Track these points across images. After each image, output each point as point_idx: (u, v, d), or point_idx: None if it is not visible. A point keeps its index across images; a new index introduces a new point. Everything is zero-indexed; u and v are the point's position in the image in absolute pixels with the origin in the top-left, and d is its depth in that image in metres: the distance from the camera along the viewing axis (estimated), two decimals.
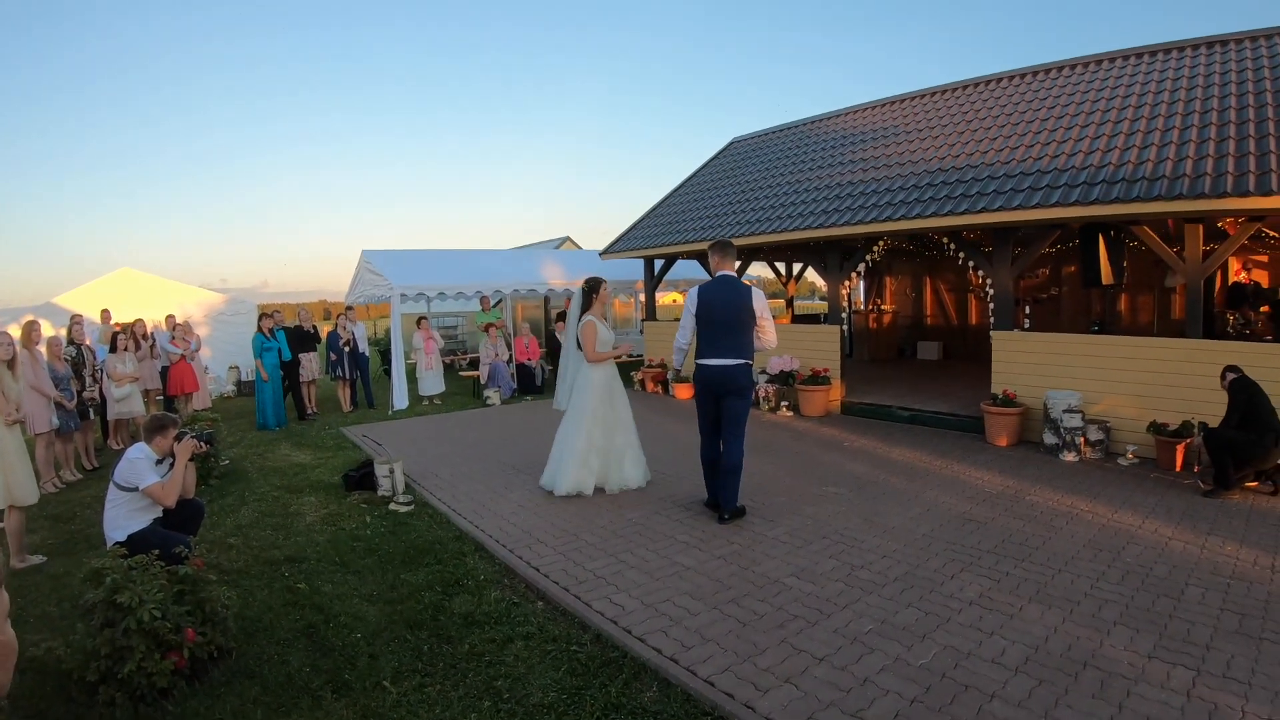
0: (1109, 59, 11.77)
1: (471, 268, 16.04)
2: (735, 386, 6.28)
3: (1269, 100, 8.42)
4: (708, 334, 6.31)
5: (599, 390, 7.15)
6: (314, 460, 9.37)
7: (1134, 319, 13.89)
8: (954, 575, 5.09)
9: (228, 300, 17.77)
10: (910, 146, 12.08)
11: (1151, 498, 6.73)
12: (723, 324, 6.26)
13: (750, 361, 6.33)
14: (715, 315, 6.29)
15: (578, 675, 3.95)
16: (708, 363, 6.30)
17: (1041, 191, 8.52)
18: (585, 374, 7.19)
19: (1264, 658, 3.88)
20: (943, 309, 18.02)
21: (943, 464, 8.19)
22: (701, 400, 6.46)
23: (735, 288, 6.36)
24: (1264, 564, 5.14)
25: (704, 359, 6.32)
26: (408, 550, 5.95)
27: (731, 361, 6.24)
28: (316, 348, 13.38)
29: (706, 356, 6.31)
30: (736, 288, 6.36)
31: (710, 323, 6.30)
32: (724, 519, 6.34)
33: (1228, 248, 7.99)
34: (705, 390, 6.38)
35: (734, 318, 6.26)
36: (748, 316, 6.28)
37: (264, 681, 3.96)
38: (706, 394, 6.38)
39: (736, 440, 6.32)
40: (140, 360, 10.98)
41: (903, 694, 3.61)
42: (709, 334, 6.31)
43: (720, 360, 6.25)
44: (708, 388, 6.35)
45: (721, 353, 6.25)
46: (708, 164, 17.93)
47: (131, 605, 3.65)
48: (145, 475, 4.95)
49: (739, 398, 6.31)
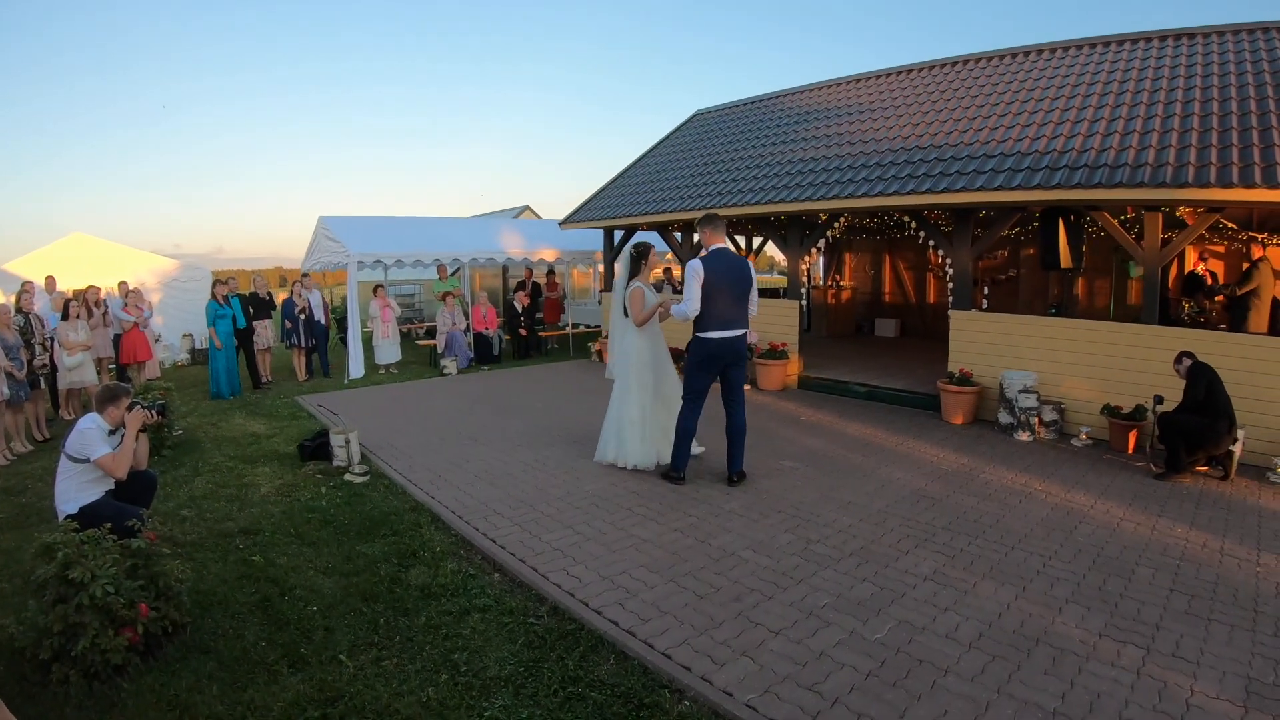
0: (1076, 46, 11.83)
1: (430, 235, 15.81)
2: (741, 356, 6.54)
3: (1233, 95, 8.52)
4: (716, 306, 6.35)
5: (645, 358, 7.05)
6: (269, 430, 9.20)
7: (1090, 303, 14.10)
8: (909, 551, 5.14)
9: (181, 266, 17.34)
10: (875, 124, 12.07)
11: (1104, 479, 6.85)
12: (730, 296, 6.36)
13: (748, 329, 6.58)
14: (724, 287, 6.34)
15: (535, 648, 3.92)
16: (717, 335, 6.39)
17: (1004, 174, 8.57)
18: (630, 342, 7.04)
19: (1212, 638, 3.96)
20: (901, 287, 18.15)
21: (899, 440, 8.26)
22: (706, 371, 6.51)
23: (737, 259, 6.47)
24: (1213, 547, 5.25)
25: (712, 331, 6.39)
26: (363, 522, 5.87)
27: (739, 332, 6.46)
28: (272, 315, 13.12)
29: (715, 329, 6.39)
30: (738, 259, 6.48)
31: (720, 295, 6.34)
32: (734, 480, 6.61)
33: (1186, 237, 8.11)
34: (712, 361, 6.46)
35: (740, 290, 6.40)
36: (747, 287, 6.44)
37: (219, 656, 3.89)
38: (712, 365, 6.48)
39: (742, 405, 6.58)
40: (93, 328, 10.67)
41: (858, 668, 3.64)
42: (717, 306, 6.35)
43: (729, 332, 6.40)
44: (715, 359, 6.45)
45: (730, 324, 6.40)
46: (670, 136, 17.80)
47: (84, 581, 3.55)
48: (96, 446, 4.80)
49: (742, 366, 6.59)
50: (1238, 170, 7.05)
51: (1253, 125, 7.71)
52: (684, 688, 3.51)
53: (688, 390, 6.60)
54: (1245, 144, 7.42)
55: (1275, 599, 4.45)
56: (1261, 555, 5.10)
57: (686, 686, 3.51)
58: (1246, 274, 8.87)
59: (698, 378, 6.53)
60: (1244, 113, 8.04)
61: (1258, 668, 3.67)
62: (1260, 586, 4.62)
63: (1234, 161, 7.18)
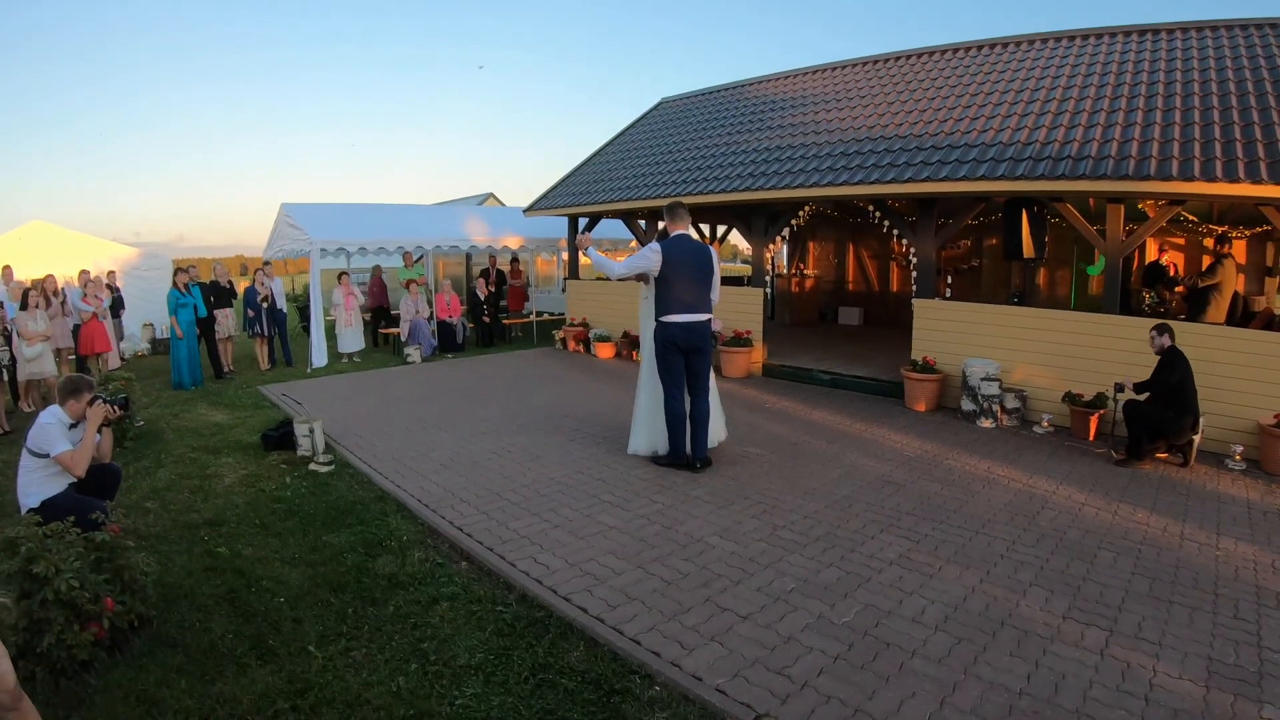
0: (1041, 40, 11.96)
1: (393, 223, 15.65)
2: (704, 342, 6.60)
3: (1195, 90, 8.68)
4: (676, 291, 6.45)
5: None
6: (231, 420, 9.06)
7: (1052, 292, 14.30)
8: (874, 536, 5.19)
9: (142, 255, 16.98)
10: (840, 114, 12.12)
11: (1065, 465, 6.96)
12: (690, 281, 6.46)
13: (712, 316, 6.66)
14: (685, 272, 6.45)
15: (504, 635, 3.91)
16: (680, 319, 6.47)
17: (969, 164, 8.66)
18: (646, 333, 7.06)
19: (1173, 620, 4.05)
20: (864, 275, 18.26)
21: (863, 427, 8.33)
22: (672, 356, 6.56)
23: (699, 246, 6.60)
24: (1173, 531, 5.37)
25: (675, 315, 6.47)
26: (329, 511, 5.81)
27: (702, 317, 6.54)
28: (233, 304, 12.91)
29: (677, 312, 6.47)
30: (700, 246, 6.61)
31: (680, 280, 6.45)
32: (697, 468, 6.64)
33: (1148, 229, 8.24)
34: (675, 347, 6.53)
35: (701, 275, 6.51)
36: (709, 273, 6.56)
37: (187, 650, 3.83)
38: (677, 350, 6.54)
39: (707, 394, 6.70)
40: (52, 318, 10.42)
41: (826, 651, 3.67)
42: (678, 291, 6.45)
43: (692, 316, 6.48)
44: (678, 344, 6.51)
45: (692, 308, 6.48)
46: (635, 124, 17.71)
47: (48, 575, 3.46)
48: (57, 441, 4.69)
49: (707, 354, 6.65)
50: (1199, 164, 7.18)
51: (1214, 120, 7.87)
52: (654, 673, 3.52)
53: (661, 377, 6.65)
54: (1207, 138, 7.58)
55: (1235, 582, 4.56)
56: (1221, 539, 5.23)
57: (656, 672, 3.51)
58: (1210, 268, 9.00)
59: (667, 362, 6.58)
60: (1206, 108, 8.20)
61: (1218, 648, 3.76)
62: (1220, 570, 4.73)
63: (1196, 155, 7.33)
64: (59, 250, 15.14)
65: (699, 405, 6.68)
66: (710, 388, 6.85)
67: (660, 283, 6.52)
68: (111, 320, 14.88)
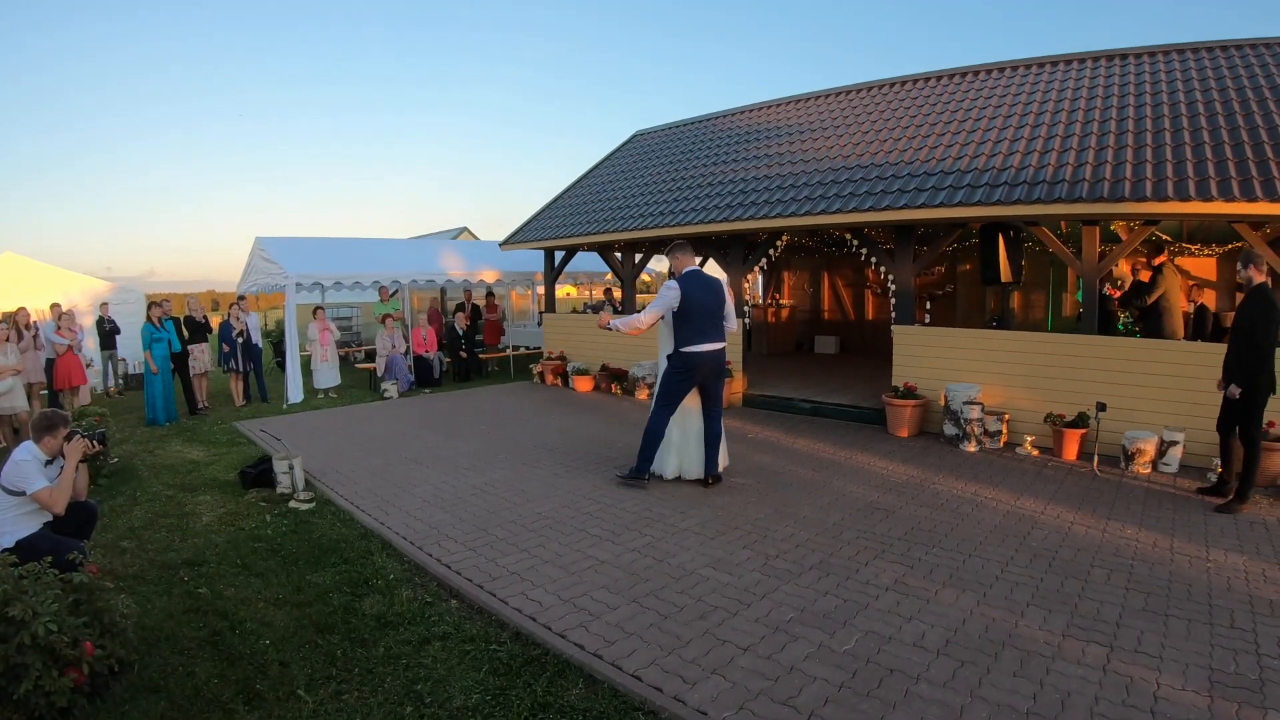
0: (1013, 67, 12.20)
1: (369, 256, 15.60)
2: (722, 369, 7.07)
3: (1165, 113, 8.87)
4: (697, 324, 6.79)
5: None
6: (208, 457, 8.88)
7: (1027, 315, 14.47)
8: (868, 562, 5.16)
9: (114, 289, 16.72)
10: (815, 144, 12.23)
11: (1051, 485, 6.99)
12: (708, 313, 6.83)
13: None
14: (702, 306, 6.80)
15: (500, 675, 3.81)
16: (701, 349, 6.81)
17: (945, 191, 8.75)
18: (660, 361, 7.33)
19: (1171, 633, 4.07)
20: (840, 304, 18.40)
21: (847, 454, 8.32)
22: (687, 383, 6.93)
23: (712, 280, 6.95)
24: (1163, 546, 5.40)
25: (695, 346, 6.80)
26: (312, 550, 5.68)
27: (720, 346, 6.93)
28: (208, 339, 12.73)
29: (697, 344, 6.80)
30: (713, 280, 6.96)
31: (699, 313, 6.79)
32: (708, 483, 7.05)
33: (1123, 249, 8.36)
34: (694, 374, 6.89)
35: (717, 307, 6.88)
36: (723, 304, 6.94)
37: (170, 695, 3.68)
38: (693, 378, 6.91)
39: (720, 416, 7.10)
40: (23, 351, 10.22)
41: (830, 680, 3.61)
42: (698, 324, 6.79)
43: (711, 346, 6.85)
44: (698, 372, 6.88)
45: (711, 339, 6.85)
46: (610, 156, 17.77)
47: (25, 619, 3.31)
48: (33, 479, 4.55)
49: (722, 380, 7.10)
50: (1172, 184, 7.32)
51: (1185, 140, 8.05)
52: (658, 709, 3.43)
53: (662, 397, 6.95)
54: (1179, 158, 7.73)
55: (1228, 592, 4.60)
56: (1210, 551, 5.29)
57: (660, 707, 3.43)
58: (1151, 282, 9.00)
59: (675, 388, 6.93)
60: (1176, 129, 8.39)
61: (1218, 658, 3.78)
62: (1212, 581, 4.77)
63: (1169, 176, 7.46)
64: (30, 283, 14.88)
65: (712, 427, 7.05)
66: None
67: (679, 317, 6.81)
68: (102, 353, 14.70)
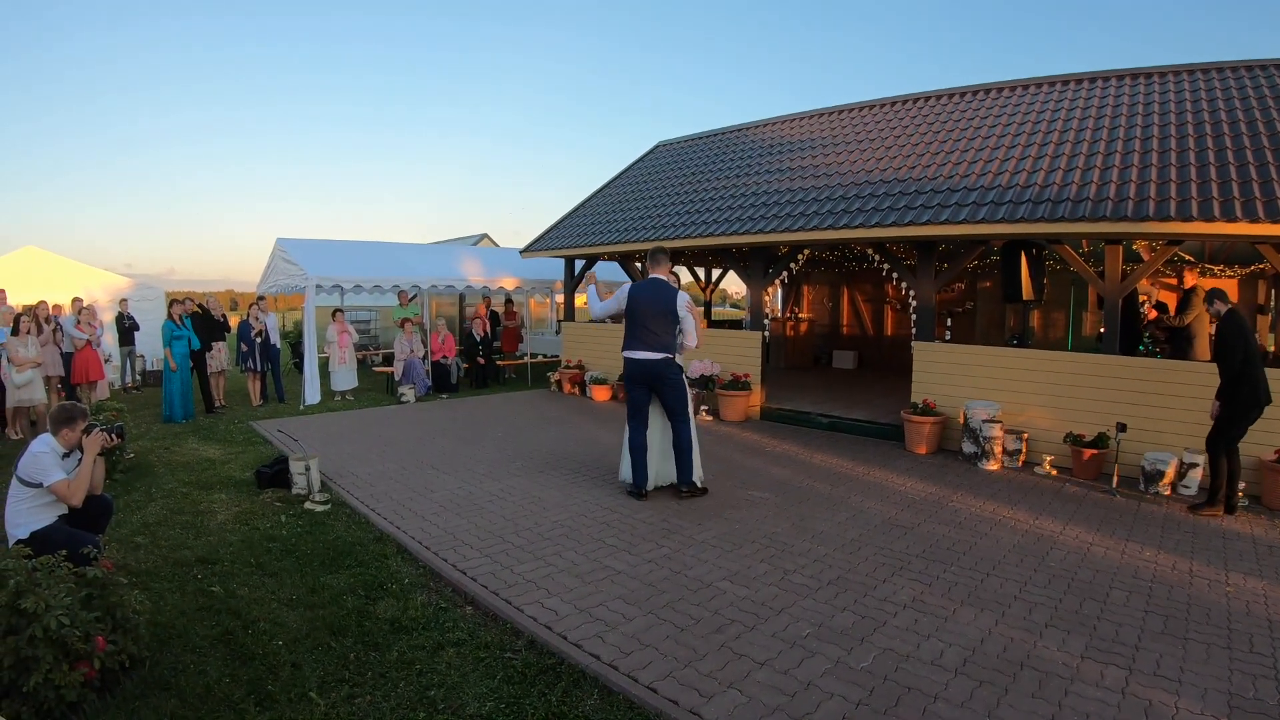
0: (1036, 85, 12.16)
1: (389, 261, 15.61)
2: (659, 378, 6.90)
3: (1190, 131, 8.84)
4: (630, 328, 6.94)
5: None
6: (224, 455, 8.92)
7: (1046, 334, 14.37)
8: (886, 579, 5.12)
9: (134, 285, 16.87)
10: (839, 158, 12.22)
11: (1070, 505, 6.93)
12: (643, 321, 6.87)
13: (671, 356, 6.92)
14: (639, 311, 6.90)
15: (514, 683, 3.79)
16: (630, 355, 6.95)
17: (969, 207, 8.71)
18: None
19: (1190, 657, 4.02)
20: (859, 319, 18.34)
21: (865, 470, 8.28)
22: (631, 390, 7.03)
23: (662, 289, 6.94)
24: (1182, 569, 5.35)
25: (626, 351, 6.97)
26: (327, 551, 5.68)
27: (652, 355, 6.86)
28: (226, 337, 12.81)
29: (628, 348, 6.96)
30: (663, 289, 6.94)
31: (634, 318, 6.92)
32: (682, 493, 7.00)
33: (1145, 269, 8.30)
34: (630, 380, 7.01)
35: (656, 316, 6.86)
36: (669, 316, 6.87)
37: (181, 693, 3.68)
38: (632, 383, 7.01)
39: (683, 424, 6.95)
40: (43, 344, 10.33)
41: (847, 697, 3.58)
42: (631, 328, 6.94)
43: (640, 353, 6.89)
44: (632, 377, 6.99)
45: (640, 346, 6.89)
46: (632, 166, 17.84)
47: (37, 611, 3.32)
48: (51, 471, 4.58)
49: (668, 388, 6.92)
50: (1196, 204, 7.27)
51: (1210, 161, 8.00)
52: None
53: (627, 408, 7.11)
54: (1203, 179, 7.69)
55: (1247, 616, 4.55)
56: (1229, 575, 5.24)
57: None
58: (1184, 303, 8.89)
59: (628, 396, 7.07)
60: (1201, 149, 8.34)
61: (1237, 683, 3.75)
62: (1231, 605, 4.73)
63: (1193, 196, 7.42)
64: (51, 277, 15.06)
65: (678, 436, 6.98)
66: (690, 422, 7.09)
67: (625, 320, 7.01)
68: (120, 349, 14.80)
